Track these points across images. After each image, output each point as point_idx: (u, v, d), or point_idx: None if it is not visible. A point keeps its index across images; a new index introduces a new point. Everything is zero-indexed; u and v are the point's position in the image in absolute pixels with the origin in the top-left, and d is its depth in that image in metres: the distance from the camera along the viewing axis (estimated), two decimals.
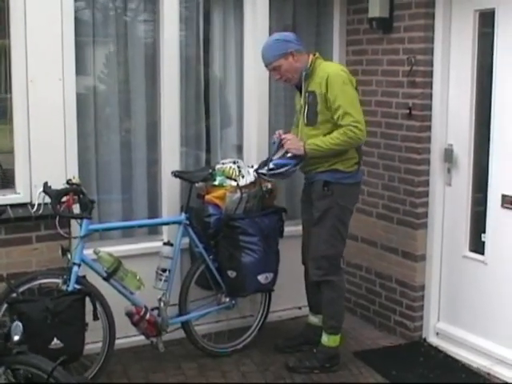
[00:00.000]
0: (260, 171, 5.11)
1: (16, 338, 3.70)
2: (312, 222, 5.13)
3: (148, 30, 5.62)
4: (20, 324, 3.72)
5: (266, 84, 5.74)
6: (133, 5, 5.55)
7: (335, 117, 4.88)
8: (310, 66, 5.01)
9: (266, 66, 5.10)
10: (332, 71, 4.94)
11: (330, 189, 4.99)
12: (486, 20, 5.14)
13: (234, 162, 5.40)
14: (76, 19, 5.11)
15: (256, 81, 5.70)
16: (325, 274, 5.11)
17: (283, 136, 5.06)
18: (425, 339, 5.69)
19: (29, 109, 4.93)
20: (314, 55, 5.08)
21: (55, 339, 4.34)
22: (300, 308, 6.00)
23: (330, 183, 4.99)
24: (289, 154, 4.99)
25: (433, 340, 5.66)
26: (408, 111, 5.50)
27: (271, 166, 5.01)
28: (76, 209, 4.80)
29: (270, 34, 5.57)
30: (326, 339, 5.20)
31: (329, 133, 4.94)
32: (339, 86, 4.87)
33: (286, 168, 5.00)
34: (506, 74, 4.97)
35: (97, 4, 5.38)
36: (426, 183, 5.54)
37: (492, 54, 5.06)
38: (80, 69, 5.21)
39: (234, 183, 5.25)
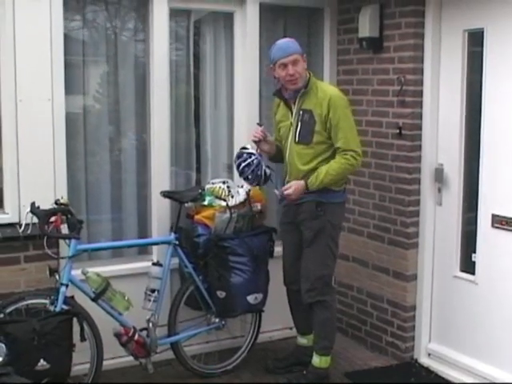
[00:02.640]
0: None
1: None
2: (301, 243, 5.13)
3: (138, 50, 5.62)
4: (3, 346, 3.71)
5: (256, 102, 5.74)
6: (123, 24, 5.56)
7: (336, 139, 4.90)
8: (307, 82, 5.00)
9: (286, 56, 4.93)
10: (334, 93, 4.96)
11: (322, 209, 4.99)
12: (475, 39, 5.15)
13: (224, 182, 5.40)
14: (66, 39, 5.11)
15: (247, 99, 5.70)
16: (318, 295, 5.09)
17: (286, 193, 4.96)
18: (416, 360, 5.66)
19: (18, 129, 4.92)
20: (309, 73, 5.08)
21: (42, 360, 4.30)
22: (291, 328, 5.93)
23: (322, 203, 4.98)
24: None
25: (424, 361, 5.63)
26: (398, 131, 5.50)
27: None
28: (64, 229, 4.77)
29: (261, 53, 5.65)
30: (317, 360, 5.17)
31: (322, 152, 4.95)
32: (342, 110, 4.91)
33: None
34: (496, 94, 4.97)
35: (87, 24, 5.40)
36: (417, 203, 5.53)
37: (481, 74, 5.06)
38: (70, 88, 5.20)
39: (223, 203, 5.24)
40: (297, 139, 5.02)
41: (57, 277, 4.66)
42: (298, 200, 5.00)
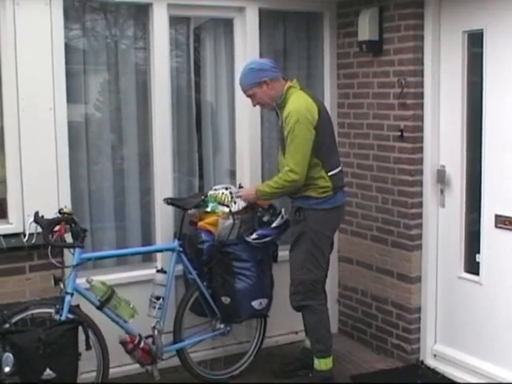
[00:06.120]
0: (246, 238, 5.20)
1: (7, 369, 3.71)
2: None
3: (139, 57, 5.64)
4: (11, 355, 3.73)
5: (257, 108, 5.74)
6: (123, 32, 5.58)
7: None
8: (281, 95, 5.04)
9: (243, 92, 5.20)
10: (293, 108, 4.93)
11: (301, 214, 5.02)
12: (475, 40, 5.15)
13: (227, 188, 5.40)
14: (67, 48, 5.13)
15: (247, 105, 5.66)
16: (302, 299, 5.12)
17: (236, 191, 5.29)
18: (422, 361, 5.66)
19: (20, 138, 4.94)
20: (291, 82, 5.11)
21: (48, 370, 4.29)
22: (297, 333, 5.96)
23: (303, 209, 5.02)
24: (273, 224, 5.19)
25: (430, 362, 5.62)
26: (400, 133, 5.50)
27: (255, 236, 5.19)
28: (68, 238, 4.78)
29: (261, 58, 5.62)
30: (317, 363, 5.17)
31: None
32: (292, 125, 4.88)
33: (269, 238, 5.23)
34: (496, 94, 4.97)
35: (87, 32, 5.42)
36: (420, 205, 5.53)
37: (482, 74, 5.07)
38: (71, 97, 5.21)
39: (226, 209, 5.24)
40: (281, 149, 5.10)
41: (62, 286, 4.67)
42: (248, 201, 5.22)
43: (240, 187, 5.40)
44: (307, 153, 4.89)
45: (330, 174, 5.01)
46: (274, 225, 5.20)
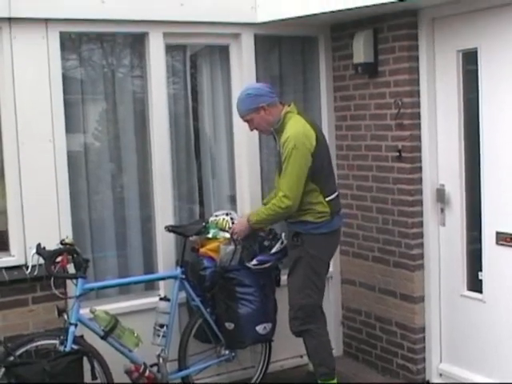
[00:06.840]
0: (246, 264, 5.19)
1: None
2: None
3: (136, 86, 5.67)
4: None
5: (255, 133, 5.76)
6: (120, 61, 5.62)
7: None
8: (279, 120, 5.04)
9: (241, 118, 5.20)
10: (291, 133, 4.90)
11: (299, 239, 5.02)
12: (470, 59, 5.18)
13: (227, 214, 5.42)
14: (64, 78, 5.16)
15: (245, 131, 5.68)
16: (302, 324, 5.11)
17: (231, 231, 5.21)
18: (428, 381, 5.64)
19: (20, 170, 4.97)
20: (289, 106, 5.11)
21: None
22: (301, 356, 5.93)
23: (300, 234, 5.02)
24: (273, 250, 5.20)
25: (436, 381, 5.61)
26: (398, 154, 5.52)
27: (255, 262, 5.18)
28: (71, 268, 4.79)
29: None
30: None
31: None
32: (288, 152, 4.86)
33: (269, 264, 5.22)
34: (493, 111, 4.99)
35: (84, 62, 5.45)
36: (420, 224, 5.54)
37: (477, 92, 5.09)
38: (70, 127, 5.24)
39: (227, 235, 5.25)
40: (278, 172, 5.09)
41: (65, 317, 4.66)
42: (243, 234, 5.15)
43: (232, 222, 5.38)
44: (302, 179, 4.89)
45: (327, 199, 5.01)
46: (273, 250, 5.21)
